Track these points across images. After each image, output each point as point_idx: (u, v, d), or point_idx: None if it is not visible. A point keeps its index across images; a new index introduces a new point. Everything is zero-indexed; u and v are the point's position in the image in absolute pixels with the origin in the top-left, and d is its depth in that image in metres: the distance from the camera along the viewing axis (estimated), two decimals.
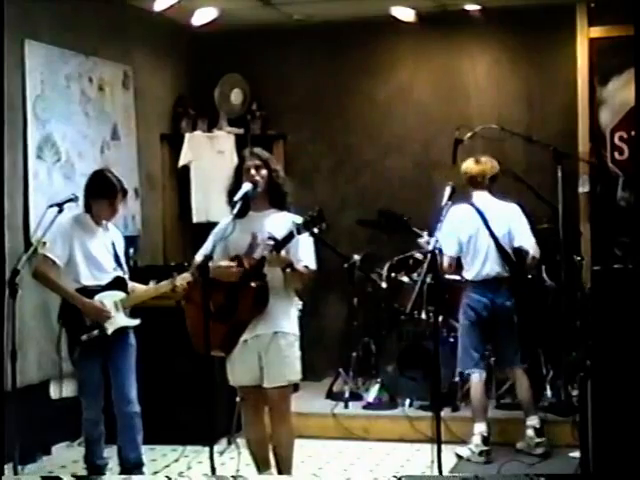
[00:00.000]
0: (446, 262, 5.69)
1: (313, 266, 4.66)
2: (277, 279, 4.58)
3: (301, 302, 4.93)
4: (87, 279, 5.08)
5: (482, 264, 5.65)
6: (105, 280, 5.12)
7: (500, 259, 5.62)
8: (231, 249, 4.64)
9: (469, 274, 5.72)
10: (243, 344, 4.62)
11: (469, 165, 5.78)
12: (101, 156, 6.60)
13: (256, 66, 7.70)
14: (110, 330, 5.07)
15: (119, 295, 5.15)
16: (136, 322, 5.22)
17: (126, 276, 5.27)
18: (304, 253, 4.61)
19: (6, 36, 5.29)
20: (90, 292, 5.07)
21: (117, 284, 5.16)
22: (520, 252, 5.67)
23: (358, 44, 7.58)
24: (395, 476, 5.38)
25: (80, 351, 5.09)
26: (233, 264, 4.57)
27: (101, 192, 5.14)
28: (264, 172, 4.66)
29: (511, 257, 5.64)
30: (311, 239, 4.66)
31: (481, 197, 5.72)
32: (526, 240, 5.68)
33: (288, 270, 4.52)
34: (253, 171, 4.64)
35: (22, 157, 5.87)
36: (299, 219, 4.50)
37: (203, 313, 4.36)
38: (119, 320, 5.12)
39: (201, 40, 7.63)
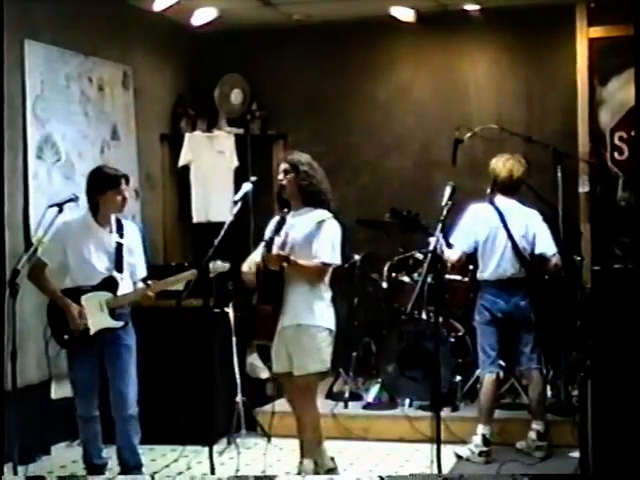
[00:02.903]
0: (456, 256, 5.66)
1: (329, 260, 4.95)
2: (296, 274, 4.89)
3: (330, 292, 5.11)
4: (80, 279, 5.08)
5: (497, 264, 5.63)
6: (96, 280, 5.09)
7: (516, 260, 5.61)
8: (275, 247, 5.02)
9: (484, 274, 5.69)
10: (277, 335, 4.99)
11: (497, 166, 5.67)
12: (101, 156, 6.59)
13: (256, 66, 7.70)
14: (92, 330, 5.04)
15: (105, 296, 5.09)
16: (119, 324, 5.10)
17: (125, 275, 5.17)
18: (319, 248, 4.91)
19: (6, 36, 5.28)
20: (81, 292, 5.06)
21: (106, 285, 5.10)
22: (541, 258, 5.65)
23: (358, 44, 7.59)
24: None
25: (68, 350, 5.11)
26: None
27: (105, 184, 5.08)
28: (291, 175, 4.99)
29: (527, 259, 5.62)
30: (330, 233, 4.95)
31: (504, 200, 5.68)
32: (548, 248, 5.66)
33: (285, 264, 4.84)
34: (281, 175, 5.04)
35: (22, 157, 5.87)
36: (325, 215, 4.93)
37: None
38: (102, 321, 5.06)
39: (201, 40, 7.63)
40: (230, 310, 6.12)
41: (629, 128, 6.91)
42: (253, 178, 5.12)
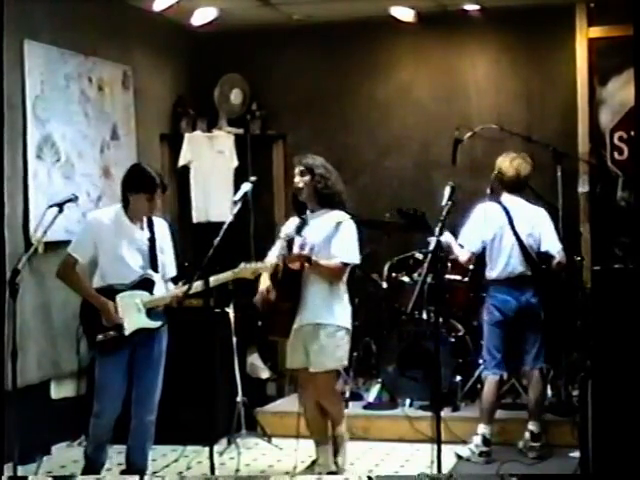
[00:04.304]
0: (465, 256, 5.69)
1: (349, 260, 5.17)
2: (316, 273, 5.11)
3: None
4: (113, 278, 4.98)
5: (506, 263, 5.64)
6: (131, 279, 5.00)
7: (523, 259, 5.63)
8: (292, 247, 5.22)
9: (493, 273, 5.70)
10: (294, 332, 5.18)
11: (503, 165, 5.70)
12: (101, 156, 6.59)
13: (256, 66, 7.70)
14: (127, 331, 4.95)
15: (142, 295, 5.00)
16: (157, 324, 5.04)
17: (160, 274, 5.10)
18: (337, 249, 5.12)
19: (6, 36, 5.28)
20: (115, 291, 4.96)
21: (143, 284, 5.02)
22: (546, 256, 5.66)
23: (358, 44, 7.58)
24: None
25: (99, 352, 5.01)
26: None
27: (139, 187, 5.00)
28: (307, 178, 5.18)
29: (533, 258, 5.63)
30: (348, 234, 5.15)
31: (510, 198, 5.71)
32: (553, 245, 5.68)
33: (307, 265, 5.04)
34: (297, 179, 5.23)
35: (22, 157, 5.86)
36: (343, 216, 5.13)
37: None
38: (138, 321, 4.97)
39: (201, 40, 7.63)
40: (230, 310, 6.12)
41: (629, 128, 6.91)
42: (253, 178, 5.12)
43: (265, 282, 5.19)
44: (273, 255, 5.30)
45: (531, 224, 5.68)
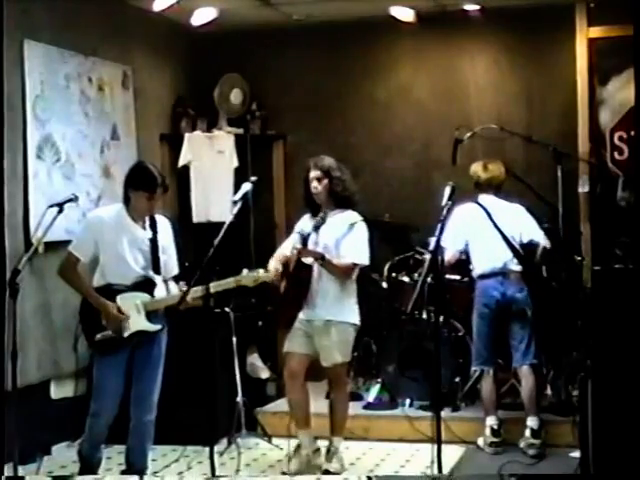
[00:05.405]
0: (449, 255, 5.87)
1: (359, 261, 5.36)
2: (328, 271, 5.27)
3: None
4: (113, 277, 4.97)
5: (489, 257, 5.78)
6: (131, 279, 5.00)
7: (508, 251, 5.68)
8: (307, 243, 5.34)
9: (478, 269, 5.85)
10: (299, 320, 5.35)
11: (477, 171, 5.94)
12: (101, 156, 6.59)
13: (256, 66, 7.70)
14: (126, 333, 4.95)
15: (142, 297, 4.99)
16: (157, 327, 5.03)
17: (161, 275, 5.10)
18: (348, 249, 5.31)
19: (6, 36, 5.27)
20: (114, 291, 4.96)
21: (143, 285, 5.02)
22: (530, 246, 5.78)
23: (358, 44, 7.58)
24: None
25: (97, 352, 5.02)
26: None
27: (140, 184, 4.98)
28: (325, 181, 5.33)
29: (519, 251, 5.72)
30: (361, 235, 5.33)
31: (487, 198, 5.85)
32: (535, 233, 5.84)
33: (319, 262, 5.21)
34: (315, 182, 5.36)
35: (22, 157, 5.85)
36: (356, 218, 5.33)
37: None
38: (138, 323, 4.97)
39: (201, 40, 7.63)
40: (230, 310, 6.12)
41: (629, 128, 6.91)
42: (253, 178, 5.12)
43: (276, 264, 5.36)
44: (286, 249, 5.40)
45: (510, 218, 5.78)
